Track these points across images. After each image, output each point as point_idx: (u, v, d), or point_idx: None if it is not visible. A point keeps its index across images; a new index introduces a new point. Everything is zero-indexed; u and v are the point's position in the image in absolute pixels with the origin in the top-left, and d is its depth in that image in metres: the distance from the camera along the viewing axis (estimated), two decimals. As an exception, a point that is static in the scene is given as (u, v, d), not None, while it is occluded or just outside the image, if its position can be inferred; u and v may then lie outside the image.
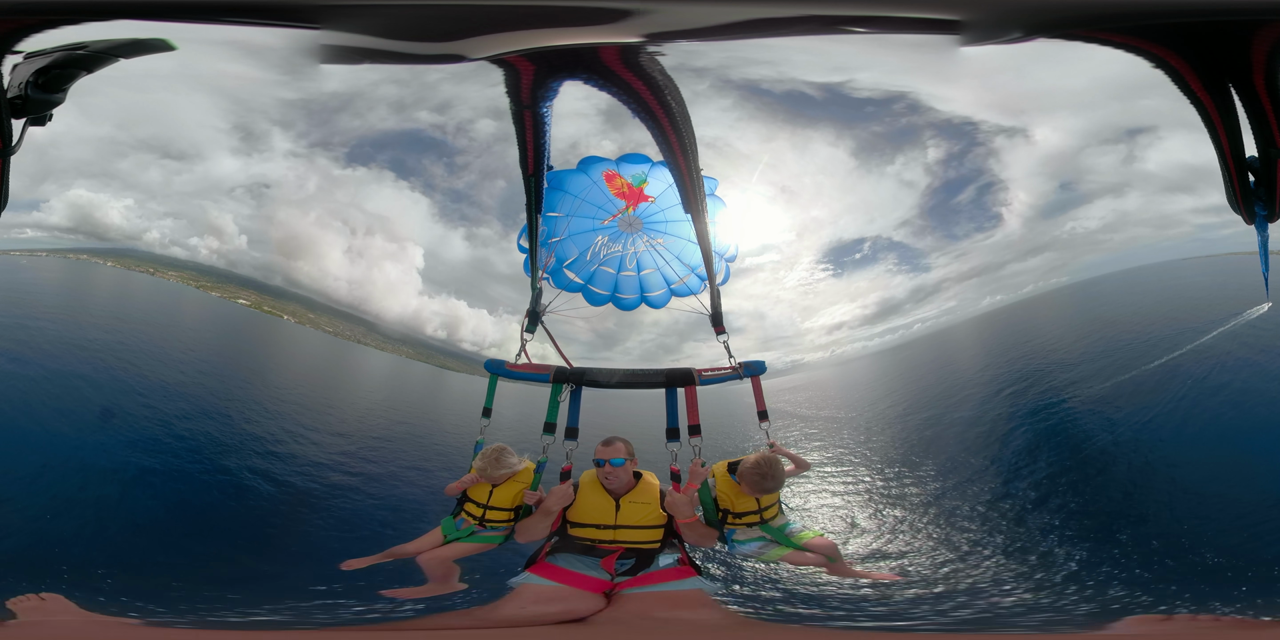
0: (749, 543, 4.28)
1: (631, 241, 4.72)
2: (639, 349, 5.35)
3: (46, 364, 5.42)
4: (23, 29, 3.84)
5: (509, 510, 4.27)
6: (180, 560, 4.48)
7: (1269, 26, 3.66)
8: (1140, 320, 6.28)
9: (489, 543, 4.31)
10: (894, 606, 4.24)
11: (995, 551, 4.72)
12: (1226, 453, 5.17)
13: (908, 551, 4.78)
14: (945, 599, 4.28)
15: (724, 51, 4.52)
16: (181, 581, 4.21)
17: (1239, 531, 4.51)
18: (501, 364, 4.40)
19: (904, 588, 4.40)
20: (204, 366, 5.87)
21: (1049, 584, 4.35)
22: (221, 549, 4.64)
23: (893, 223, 5.66)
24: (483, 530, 4.29)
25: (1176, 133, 5.03)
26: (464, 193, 5.42)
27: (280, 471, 5.20)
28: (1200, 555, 4.41)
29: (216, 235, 5.38)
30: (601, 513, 4.18)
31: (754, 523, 4.26)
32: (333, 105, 4.89)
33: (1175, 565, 4.39)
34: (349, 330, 5.96)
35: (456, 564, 4.26)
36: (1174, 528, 4.66)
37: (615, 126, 4.77)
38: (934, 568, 4.58)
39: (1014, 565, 4.56)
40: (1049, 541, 4.75)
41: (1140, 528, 4.73)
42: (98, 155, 5.12)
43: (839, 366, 6.01)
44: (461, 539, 4.29)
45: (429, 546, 4.27)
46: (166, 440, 5.21)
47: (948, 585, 4.41)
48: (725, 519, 4.25)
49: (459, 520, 4.32)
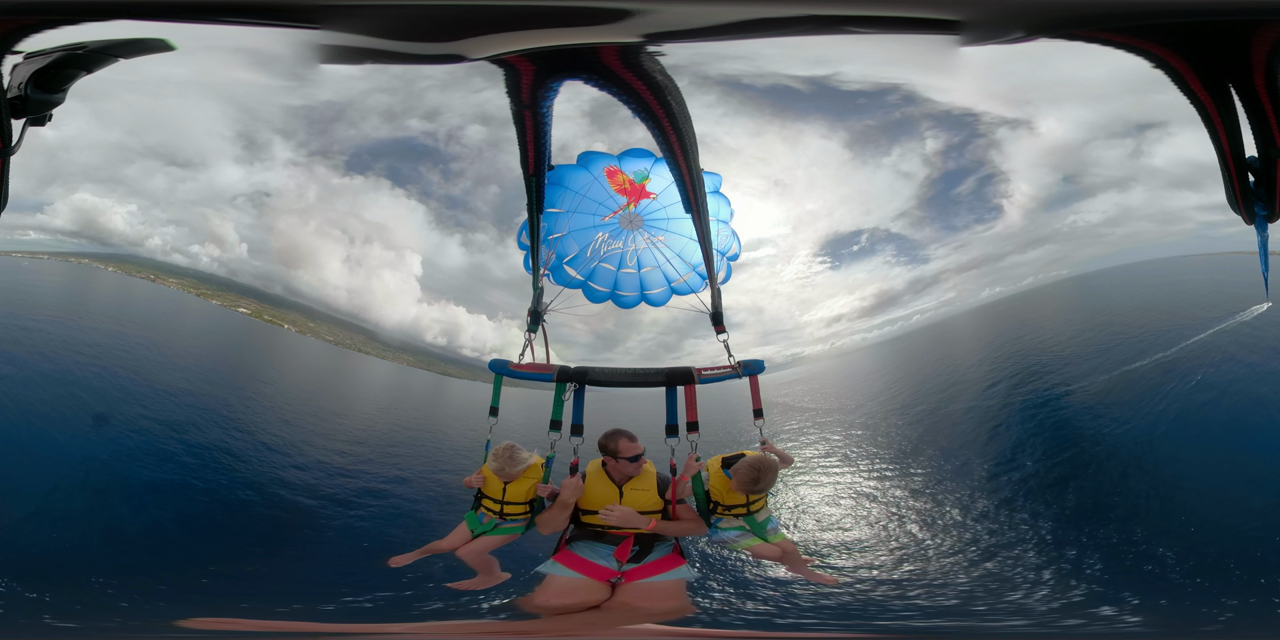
0: (729, 531, 4.47)
1: (632, 239, 4.73)
2: (639, 348, 5.39)
3: (42, 367, 5.45)
4: (23, 29, 3.83)
5: (525, 503, 4.45)
6: (178, 562, 4.55)
7: (1269, 26, 3.64)
8: (1139, 316, 6.28)
9: (513, 534, 4.51)
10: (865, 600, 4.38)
11: (984, 544, 4.77)
12: (1221, 449, 5.19)
13: (888, 542, 4.85)
14: (911, 586, 4.39)
15: (693, 48, 4.50)
16: (178, 582, 4.29)
17: (1236, 528, 4.55)
18: (506, 364, 4.48)
19: (873, 585, 4.53)
20: (209, 375, 5.90)
21: (1041, 580, 4.40)
22: (221, 552, 4.70)
23: (890, 214, 5.67)
24: (503, 523, 4.48)
25: (1187, 129, 5.00)
26: (459, 199, 5.45)
27: (282, 475, 5.24)
28: (1194, 551, 4.45)
29: (217, 243, 5.44)
30: (607, 499, 4.36)
31: (741, 514, 4.42)
32: (329, 114, 4.91)
33: (1170, 561, 4.44)
34: (349, 338, 6.00)
35: (493, 556, 4.52)
36: (1166, 523, 4.70)
37: (602, 128, 4.77)
38: (920, 558, 4.65)
39: (1005, 559, 4.61)
40: (1041, 534, 4.79)
41: (1134, 523, 4.77)
42: (106, 160, 5.15)
43: (838, 359, 6.03)
44: (487, 532, 4.49)
45: (461, 541, 4.49)
46: (164, 447, 5.25)
47: (920, 573, 4.51)
48: (715, 509, 4.41)
49: (480, 514, 4.50)
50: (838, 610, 4.50)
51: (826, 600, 4.59)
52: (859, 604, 4.54)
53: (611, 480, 4.37)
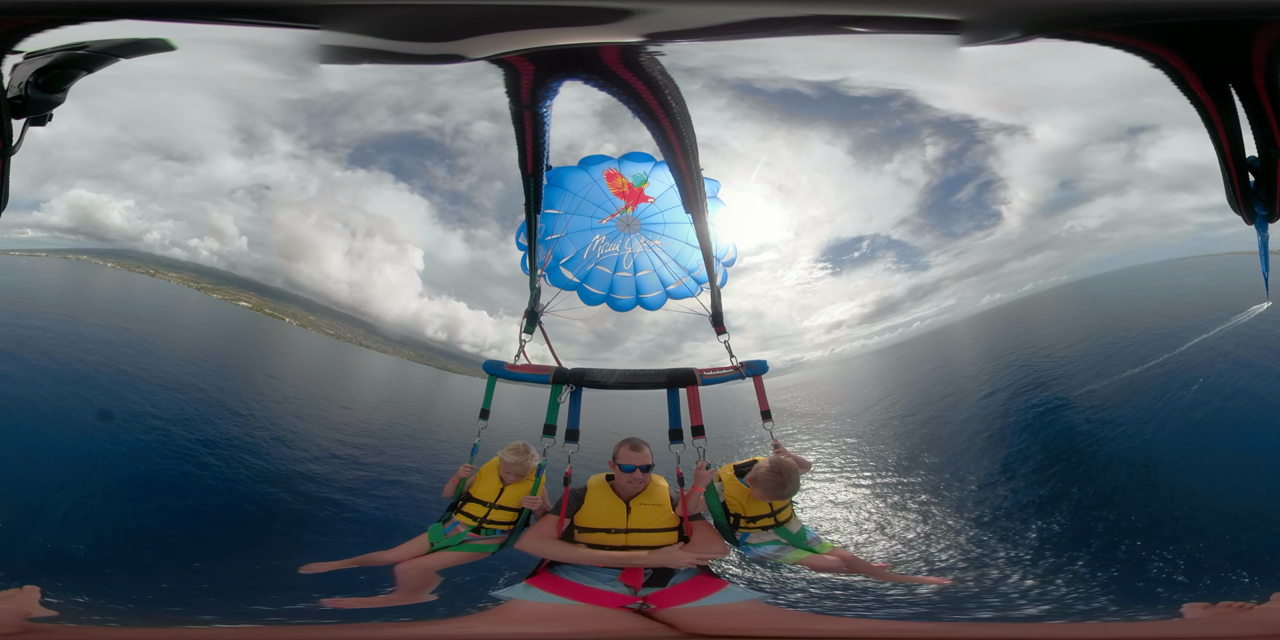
0: (764, 546, 4.15)
1: (629, 242, 4.70)
2: (639, 349, 5.36)
3: (44, 364, 5.42)
4: (23, 29, 3.84)
5: (516, 511, 4.07)
6: (173, 564, 4.47)
7: (1269, 26, 3.66)
8: (1139, 319, 6.29)
9: (481, 551, 4.04)
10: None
11: (992, 551, 4.73)
12: (1226, 453, 5.17)
13: (900, 550, 4.79)
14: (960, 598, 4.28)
15: (714, 51, 4.52)
16: (175, 585, 4.22)
17: (1240, 532, 4.52)
18: (500, 365, 4.34)
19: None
20: (219, 369, 5.88)
21: (1048, 582, 4.36)
22: (216, 552, 4.62)
23: (891, 221, 5.66)
24: (476, 538, 4.05)
25: (1180, 131, 5.00)
26: (463, 194, 5.44)
27: (284, 476, 5.20)
28: (1201, 556, 4.42)
29: (217, 237, 5.40)
30: (611, 516, 3.99)
31: (768, 526, 4.12)
32: (333, 107, 4.90)
33: (1176, 565, 4.40)
34: (350, 332, 5.97)
35: (438, 574, 3.97)
36: (1172, 527, 4.67)
37: (611, 128, 4.78)
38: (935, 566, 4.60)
39: (1013, 564, 4.57)
40: (1045, 541, 4.76)
41: (1135, 526, 4.75)
42: (101, 156, 5.13)
43: (838, 365, 6.01)
44: (450, 547, 4.02)
45: (411, 555, 3.97)
46: (168, 442, 5.21)
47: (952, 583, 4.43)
48: (737, 523, 4.10)
49: (448, 526, 4.09)
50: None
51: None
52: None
53: (617, 495, 4.04)
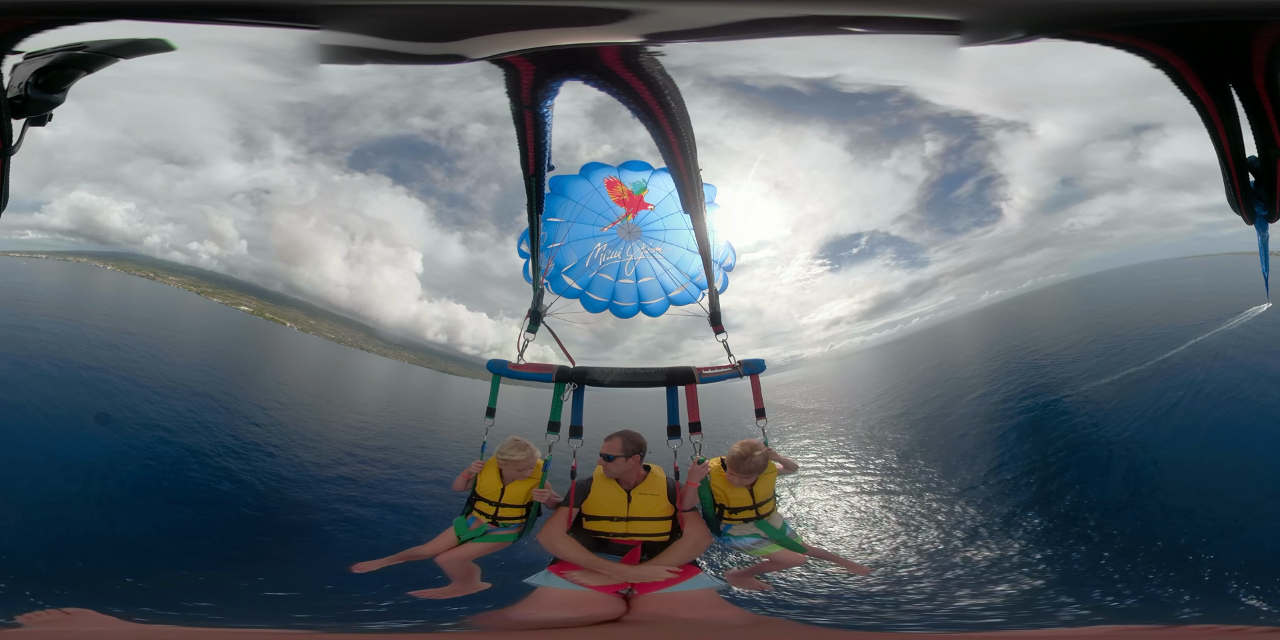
0: (744, 538, 4.35)
1: (630, 249, 4.73)
2: (638, 348, 5.36)
3: (43, 368, 5.43)
4: (23, 29, 3.84)
5: (522, 506, 4.31)
6: (174, 567, 4.50)
7: (1269, 26, 3.66)
8: (1139, 318, 6.29)
9: (503, 542, 4.33)
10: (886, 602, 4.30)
11: (984, 548, 4.75)
12: (1225, 453, 5.19)
13: (892, 544, 4.82)
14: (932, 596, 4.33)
15: (701, 49, 4.52)
16: (175, 585, 4.25)
17: (1237, 532, 4.54)
18: (504, 364, 4.44)
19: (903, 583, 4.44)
20: (224, 374, 5.88)
21: (1039, 581, 4.38)
22: (222, 556, 4.65)
23: (890, 217, 5.65)
24: (495, 529, 4.32)
25: (1184, 130, 4.99)
26: (460, 197, 5.44)
27: (286, 476, 5.22)
28: (1199, 556, 4.44)
29: (217, 241, 5.41)
30: (614, 505, 4.25)
31: (750, 518, 4.31)
32: (331, 111, 4.91)
33: (1174, 566, 4.42)
34: (350, 336, 5.98)
35: (476, 564, 4.29)
36: (1171, 528, 4.69)
37: (604, 128, 4.78)
38: (925, 562, 4.63)
39: (1002, 562, 4.59)
40: (1039, 539, 4.78)
41: (1135, 527, 4.76)
42: (103, 159, 5.15)
43: (837, 361, 6.02)
44: (475, 539, 4.31)
45: (444, 548, 4.29)
46: (170, 446, 5.23)
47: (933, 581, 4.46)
48: (721, 514, 4.30)
49: (470, 519, 4.34)
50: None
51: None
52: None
53: (619, 485, 4.27)
